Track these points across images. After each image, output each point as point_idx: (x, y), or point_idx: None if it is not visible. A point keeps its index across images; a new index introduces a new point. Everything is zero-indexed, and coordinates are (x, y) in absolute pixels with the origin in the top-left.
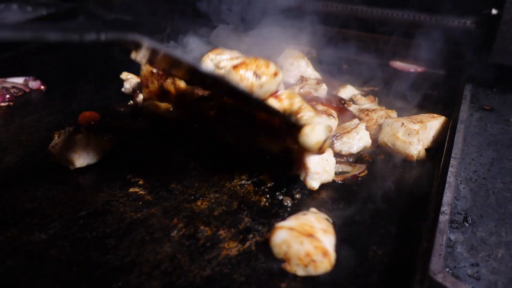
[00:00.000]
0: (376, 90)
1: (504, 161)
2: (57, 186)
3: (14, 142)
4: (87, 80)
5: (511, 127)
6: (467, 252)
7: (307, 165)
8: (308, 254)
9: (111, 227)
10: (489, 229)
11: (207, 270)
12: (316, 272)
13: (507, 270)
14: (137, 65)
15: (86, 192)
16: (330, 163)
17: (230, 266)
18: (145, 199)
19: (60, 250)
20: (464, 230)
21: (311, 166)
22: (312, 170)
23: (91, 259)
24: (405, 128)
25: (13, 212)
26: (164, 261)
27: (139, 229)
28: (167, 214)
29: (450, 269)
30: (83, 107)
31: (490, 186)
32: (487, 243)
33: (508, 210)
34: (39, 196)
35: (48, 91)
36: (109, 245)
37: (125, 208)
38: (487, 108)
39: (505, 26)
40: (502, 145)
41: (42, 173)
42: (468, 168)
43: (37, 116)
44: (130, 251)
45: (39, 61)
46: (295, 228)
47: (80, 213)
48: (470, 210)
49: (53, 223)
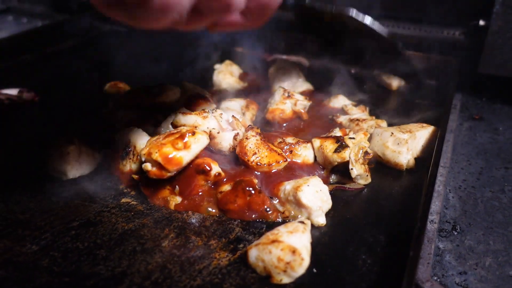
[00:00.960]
0: (367, 100)
1: (493, 170)
2: (49, 197)
3: (7, 153)
4: (79, 91)
5: (500, 136)
6: (455, 260)
7: (306, 204)
8: (280, 259)
9: (102, 238)
10: (477, 237)
11: (197, 280)
12: (297, 273)
13: (495, 278)
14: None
15: (78, 203)
16: (324, 191)
17: (220, 276)
18: (137, 209)
19: (51, 261)
20: (452, 239)
21: (310, 204)
22: (314, 207)
23: (82, 270)
24: (395, 137)
25: (5, 223)
26: (155, 272)
27: (131, 240)
28: (159, 224)
29: (438, 277)
30: (76, 118)
31: (479, 195)
32: (475, 251)
33: (496, 219)
34: (32, 207)
35: (41, 102)
36: (100, 256)
37: (117, 218)
38: (476, 117)
39: (492, 37)
40: (491, 154)
41: (35, 184)
42: (457, 177)
43: (30, 127)
44: (121, 261)
45: (33, 72)
46: (260, 242)
47: (72, 224)
48: (458, 219)
49: (45, 234)
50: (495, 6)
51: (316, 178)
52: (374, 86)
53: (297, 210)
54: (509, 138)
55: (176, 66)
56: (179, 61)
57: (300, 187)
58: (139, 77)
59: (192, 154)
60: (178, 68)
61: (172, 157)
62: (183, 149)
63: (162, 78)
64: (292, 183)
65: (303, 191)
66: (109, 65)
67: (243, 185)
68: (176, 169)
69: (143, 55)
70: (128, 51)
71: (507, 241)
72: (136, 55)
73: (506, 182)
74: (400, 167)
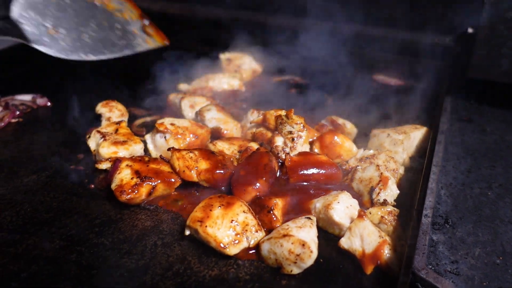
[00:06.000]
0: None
1: (481, 168)
2: (71, 197)
3: (26, 157)
4: (91, 96)
5: (488, 137)
6: (448, 250)
7: (339, 222)
8: (290, 252)
9: (124, 233)
10: (468, 230)
11: (215, 270)
12: (306, 264)
13: (483, 266)
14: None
15: (98, 202)
16: (354, 205)
17: (236, 266)
18: (155, 206)
19: (79, 255)
20: (445, 231)
21: (342, 221)
22: (347, 224)
23: (108, 262)
24: (391, 138)
25: (32, 222)
26: (176, 263)
27: (151, 235)
28: (176, 220)
29: (433, 266)
30: (90, 122)
31: (468, 191)
32: (466, 242)
33: (484, 213)
34: (55, 207)
35: (54, 108)
36: (124, 250)
37: (136, 216)
38: (465, 119)
39: (480, 43)
40: (479, 153)
41: (56, 185)
42: (449, 175)
43: (46, 132)
44: (144, 254)
45: (45, 78)
46: (272, 236)
47: (95, 221)
48: (450, 213)
49: (70, 231)
50: (482, 16)
51: (344, 193)
52: (368, 89)
53: (330, 226)
54: (496, 139)
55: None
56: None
57: (331, 205)
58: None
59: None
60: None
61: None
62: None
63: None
64: (322, 201)
65: (334, 209)
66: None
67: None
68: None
69: (150, 59)
70: (137, 55)
71: (494, 233)
72: (144, 59)
73: (493, 179)
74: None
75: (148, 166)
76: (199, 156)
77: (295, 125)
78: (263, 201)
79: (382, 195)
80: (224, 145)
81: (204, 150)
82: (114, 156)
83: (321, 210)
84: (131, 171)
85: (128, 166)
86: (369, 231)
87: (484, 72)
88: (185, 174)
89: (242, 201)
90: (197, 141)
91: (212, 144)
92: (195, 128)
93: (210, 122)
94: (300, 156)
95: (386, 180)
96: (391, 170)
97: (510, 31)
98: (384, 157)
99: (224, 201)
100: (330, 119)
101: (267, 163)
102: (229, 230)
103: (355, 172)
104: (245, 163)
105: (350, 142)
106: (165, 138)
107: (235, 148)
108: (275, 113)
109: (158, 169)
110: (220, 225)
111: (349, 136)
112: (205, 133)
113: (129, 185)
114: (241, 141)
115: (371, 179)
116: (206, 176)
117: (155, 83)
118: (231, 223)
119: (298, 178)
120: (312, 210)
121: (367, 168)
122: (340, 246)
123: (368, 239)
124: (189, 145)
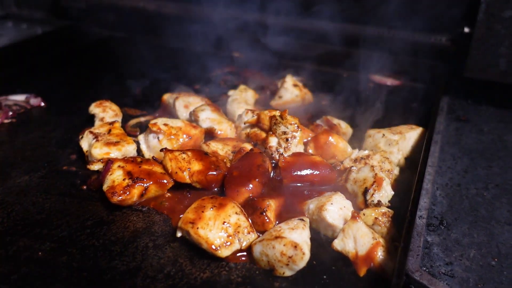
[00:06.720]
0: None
1: (478, 168)
2: (63, 198)
3: (19, 157)
4: (85, 97)
5: (485, 137)
6: (442, 252)
7: (332, 223)
8: (283, 254)
9: (116, 235)
10: (463, 231)
11: (206, 272)
12: (298, 266)
13: (478, 268)
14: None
15: (90, 203)
16: (348, 206)
17: (227, 268)
18: (147, 208)
19: (70, 257)
20: (440, 233)
21: (336, 223)
22: (340, 226)
23: (99, 265)
24: (386, 138)
25: (23, 223)
26: (167, 265)
27: (143, 237)
28: (168, 222)
29: (427, 268)
30: (83, 122)
31: (464, 192)
32: (461, 244)
33: (480, 214)
34: (47, 208)
35: (48, 108)
36: (115, 252)
37: (128, 217)
38: (462, 119)
39: (476, 43)
40: (476, 154)
41: (48, 186)
42: (445, 175)
43: (39, 132)
44: (135, 256)
45: (39, 78)
46: (264, 238)
47: (87, 223)
48: (445, 214)
49: (62, 232)
50: (479, 15)
51: (338, 195)
52: (364, 89)
53: (323, 228)
54: (493, 139)
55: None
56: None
57: (324, 206)
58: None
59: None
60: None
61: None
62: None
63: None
64: (316, 202)
65: (327, 211)
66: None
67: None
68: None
69: (145, 59)
70: (130, 55)
71: (489, 234)
72: (138, 59)
73: (489, 180)
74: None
75: (141, 167)
76: (191, 157)
77: (290, 126)
78: (256, 202)
79: (376, 196)
80: (218, 146)
81: (197, 151)
82: (106, 157)
83: (315, 212)
84: (123, 172)
85: (120, 167)
86: (362, 233)
87: (481, 71)
88: (177, 176)
89: (234, 202)
90: (190, 141)
91: (206, 144)
92: (188, 128)
93: (204, 123)
94: (294, 157)
95: (381, 181)
96: (385, 170)
97: (507, 31)
98: (379, 158)
99: (216, 202)
100: (325, 119)
101: (260, 164)
102: (221, 232)
103: (350, 173)
104: (238, 164)
105: (344, 142)
106: (158, 139)
107: (229, 149)
108: (269, 113)
109: (151, 170)
110: (212, 226)
111: (344, 136)
112: (198, 134)
113: (121, 186)
114: (235, 142)
115: (366, 180)
116: (199, 178)
117: (150, 83)
118: (223, 225)
119: (291, 179)
120: (306, 211)
121: (362, 169)
122: (333, 248)
123: (362, 241)
124: (182, 146)
